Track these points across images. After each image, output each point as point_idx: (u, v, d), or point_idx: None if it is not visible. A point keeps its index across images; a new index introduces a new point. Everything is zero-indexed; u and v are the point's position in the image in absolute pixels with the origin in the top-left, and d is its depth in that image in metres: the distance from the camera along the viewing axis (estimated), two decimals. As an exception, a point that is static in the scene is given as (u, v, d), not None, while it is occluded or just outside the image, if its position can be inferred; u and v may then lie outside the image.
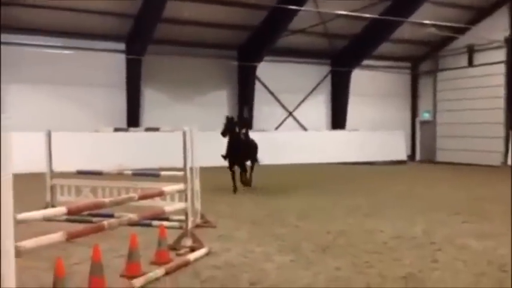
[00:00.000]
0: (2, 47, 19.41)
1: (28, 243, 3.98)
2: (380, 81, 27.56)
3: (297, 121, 26.05)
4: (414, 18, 22.49)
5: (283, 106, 25.73)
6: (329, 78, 27.02)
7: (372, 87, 27.15)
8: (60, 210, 4.41)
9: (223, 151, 12.72)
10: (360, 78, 26.78)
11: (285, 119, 25.82)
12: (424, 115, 28.84)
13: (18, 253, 3.67)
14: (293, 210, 9.77)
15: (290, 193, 12.62)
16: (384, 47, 25.63)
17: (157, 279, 5.04)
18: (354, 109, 27.05)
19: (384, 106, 27.65)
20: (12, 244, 3.62)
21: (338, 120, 27.00)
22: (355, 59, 26.32)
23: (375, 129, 25.84)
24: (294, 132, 25.30)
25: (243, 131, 13.40)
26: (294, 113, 26.00)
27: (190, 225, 6.36)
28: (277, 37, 23.19)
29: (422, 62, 28.87)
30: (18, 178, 3.62)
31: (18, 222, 3.75)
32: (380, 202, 11.03)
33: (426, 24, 21.66)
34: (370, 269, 5.53)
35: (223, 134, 12.45)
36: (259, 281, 5.06)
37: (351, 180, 16.49)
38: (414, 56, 28.48)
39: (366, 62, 26.55)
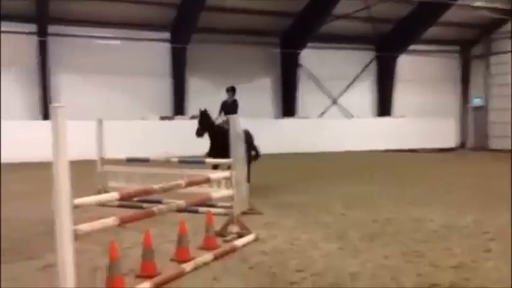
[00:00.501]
0: (54, 38, 20.08)
1: (83, 227, 4.12)
2: (427, 66, 26.79)
3: (342, 108, 25.73)
4: (464, 0, 21.70)
5: (327, 93, 25.46)
6: (374, 64, 26.51)
7: (419, 72, 26.44)
8: (113, 195, 4.54)
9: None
10: (407, 64, 26.14)
11: (329, 107, 25.56)
12: (476, 101, 27.87)
13: (76, 236, 3.80)
14: (338, 198, 9.70)
15: (335, 181, 12.52)
16: (432, 31, 24.86)
17: (206, 264, 5.12)
18: (401, 95, 26.48)
19: (431, 92, 26.87)
20: (70, 227, 3.76)
21: (384, 106, 26.51)
22: (401, 44, 25.69)
23: (422, 116, 25.20)
24: (339, 119, 25.01)
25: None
26: (338, 100, 25.69)
27: (236, 212, 6.42)
28: (320, 23, 22.90)
29: (474, 45, 27.85)
30: (70, 165, 3.74)
31: (74, 207, 3.90)
32: (428, 190, 10.79)
33: (476, 6, 20.85)
34: (419, 258, 5.43)
35: (199, 133, 10.23)
36: (307, 268, 5.07)
37: (397, 168, 16.20)
38: (464, 39, 27.51)
39: (412, 47, 25.86)
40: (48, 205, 3.79)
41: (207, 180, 6.29)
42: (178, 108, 22.32)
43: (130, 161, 8.70)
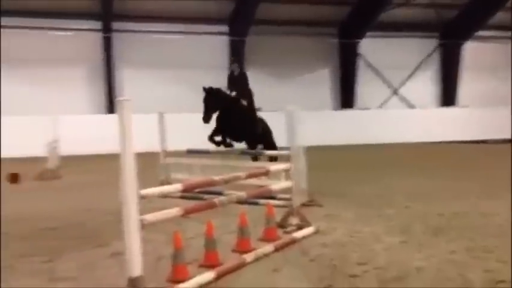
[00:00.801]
0: (118, 34, 20.79)
1: (149, 217, 4.26)
2: (496, 53, 25.54)
3: (403, 98, 25.06)
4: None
5: (387, 83, 24.86)
6: (437, 52, 25.58)
7: (486, 59, 25.27)
8: (176, 187, 4.66)
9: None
10: (473, 51, 25.03)
11: (389, 97, 24.96)
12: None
13: (142, 226, 3.94)
14: (400, 190, 9.47)
15: (396, 173, 12.23)
16: (498, 15, 23.66)
17: (266, 255, 5.16)
18: (465, 84, 25.43)
19: (500, 80, 25.62)
20: (137, 217, 3.90)
21: (448, 96, 25.59)
22: (467, 30, 24.63)
23: (489, 105, 24.10)
24: (400, 110, 24.39)
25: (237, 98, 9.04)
26: (399, 90, 25.03)
27: (296, 203, 6.41)
28: (380, 11, 22.35)
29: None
30: (136, 157, 3.88)
31: (140, 198, 4.04)
32: (494, 183, 10.31)
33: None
34: (487, 254, 5.21)
35: (206, 119, 8.65)
36: (369, 261, 4.99)
37: (461, 159, 15.59)
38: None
39: (479, 33, 24.72)
40: (116, 195, 3.94)
41: (267, 172, 6.31)
42: (236, 100, 22.55)
43: (191, 152, 8.89)
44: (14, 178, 11.75)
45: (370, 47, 23.95)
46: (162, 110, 9.49)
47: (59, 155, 12.76)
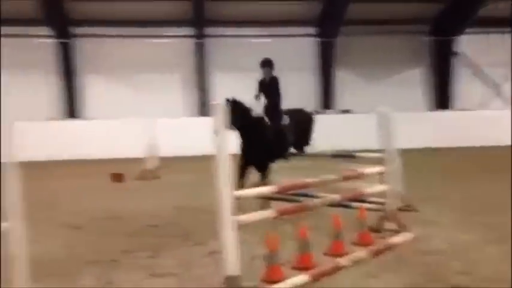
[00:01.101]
0: (209, 39, 21.48)
1: (243, 217, 4.34)
2: None
3: (505, 98, 23.45)
4: None
5: (487, 82, 23.39)
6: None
7: None
8: (271, 188, 4.72)
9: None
10: None
11: (490, 97, 23.47)
12: None
13: (237, 227, 4.03)
14: (499, 196, 8.85)
15: (497, 178, 11.44)
16: None
17: (361, 260, 5.05)
18: None
19: None
20: (232, 218, 4.00)
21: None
22: None
23: None
24: (503, 111, 22.82)
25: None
26: (501, 89, 23.44)
27: (391, 208, 6.22)
28: (478, 7, 21.10)
29: None
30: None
31: (235, 199, 4.13)
32: None
33: None
34: None
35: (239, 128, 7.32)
36: (471, 271, 4.72)
37: None
38: None
39: None
40: (211, 195, 4.06)
41: (361, 175, 6.18)
42: (326, 102, 22.36)
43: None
44: (119, 178, 12.52)
45: (466, 44, 22.70)
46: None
47: (157, 156, 13.41)
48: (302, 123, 8.48)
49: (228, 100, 7.25)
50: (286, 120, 8.20)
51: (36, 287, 3.55)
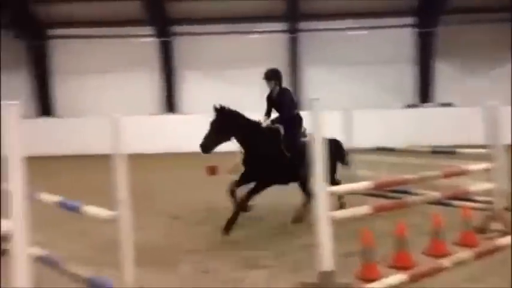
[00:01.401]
0: (302, 34, 21.41)
1: (338, 213, 4.28)
2: None
3: None
4: None
5: None
6: None
7: None
8: (367, 184, 4.59)
9: None
10: None
11: None
12: None
13: (331, 222, 3.99)
14: None
15: None
16: None
17: (465, 261, 4.77)
18: None
19: None
20: (327, 213, 3.96)
21: None
22: None
23: None
24: None
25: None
26: None
27: (498, 207, 5.81)
28: None
29: None
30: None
31: (330, 194, 4.08)
32: None
33: None
34: None
35: (205, 147, 6.41)
36: None
37: None
38: None
39: None
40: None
41: (465, 172, 5.83)
42: (424, 95, 21.41)
43: (379, 150, 8.71)
44: (212, 170, 12.88)
45: None
46: (349, 107, 9.43)
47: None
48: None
49: (216, 108, 6.54)
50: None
51: (140, 272, 3.76)
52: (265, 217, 7.42)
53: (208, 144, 6.36)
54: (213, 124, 6.48)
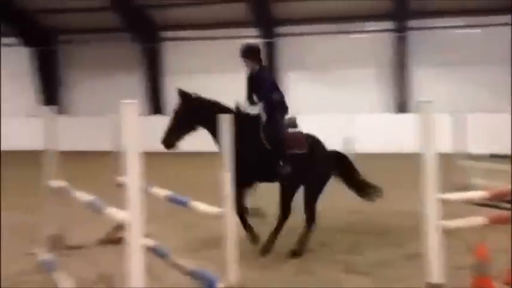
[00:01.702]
0: (411, 33, 20.56)
1: (450, 223, 4.03)
2: None
3: None
4: None
5: None
6: None
7: None
8: (481, 193, 4.29)
9: None
10: None
11: None
12: None
13: (443, 232, 3.77)
14: None
15: None
16: None
17: None
18: None
19: None
20: (437, 222, 3.75)
21: None
22: None
23: None
24: None
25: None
26: None
27: None
28: None
29: None
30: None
31: (441, 202, 3.86)
32: None
33: None
34: None
35: (168, 141, 5.63)
36: None
37: None
38: None
39: None
40: (411, 196, 3.86)
41: None
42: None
43: (494, 157, 8.10)
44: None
45: None
46: (456, 110, 8.91)
47: (353, 153, 13.24)
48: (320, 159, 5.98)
49: (180, 91, 5.61)
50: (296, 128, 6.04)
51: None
52: (367, 223, 7.21)
53: (171, 138, 5.50)
54: (177, 113, 5.54)
